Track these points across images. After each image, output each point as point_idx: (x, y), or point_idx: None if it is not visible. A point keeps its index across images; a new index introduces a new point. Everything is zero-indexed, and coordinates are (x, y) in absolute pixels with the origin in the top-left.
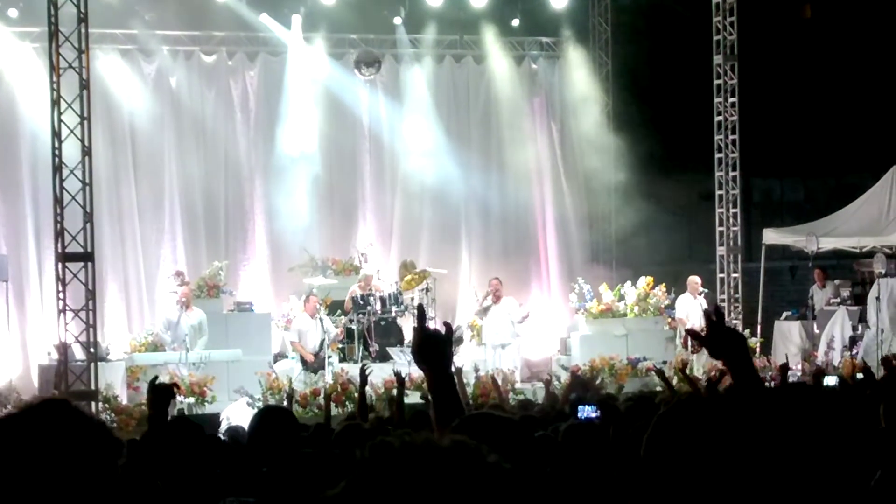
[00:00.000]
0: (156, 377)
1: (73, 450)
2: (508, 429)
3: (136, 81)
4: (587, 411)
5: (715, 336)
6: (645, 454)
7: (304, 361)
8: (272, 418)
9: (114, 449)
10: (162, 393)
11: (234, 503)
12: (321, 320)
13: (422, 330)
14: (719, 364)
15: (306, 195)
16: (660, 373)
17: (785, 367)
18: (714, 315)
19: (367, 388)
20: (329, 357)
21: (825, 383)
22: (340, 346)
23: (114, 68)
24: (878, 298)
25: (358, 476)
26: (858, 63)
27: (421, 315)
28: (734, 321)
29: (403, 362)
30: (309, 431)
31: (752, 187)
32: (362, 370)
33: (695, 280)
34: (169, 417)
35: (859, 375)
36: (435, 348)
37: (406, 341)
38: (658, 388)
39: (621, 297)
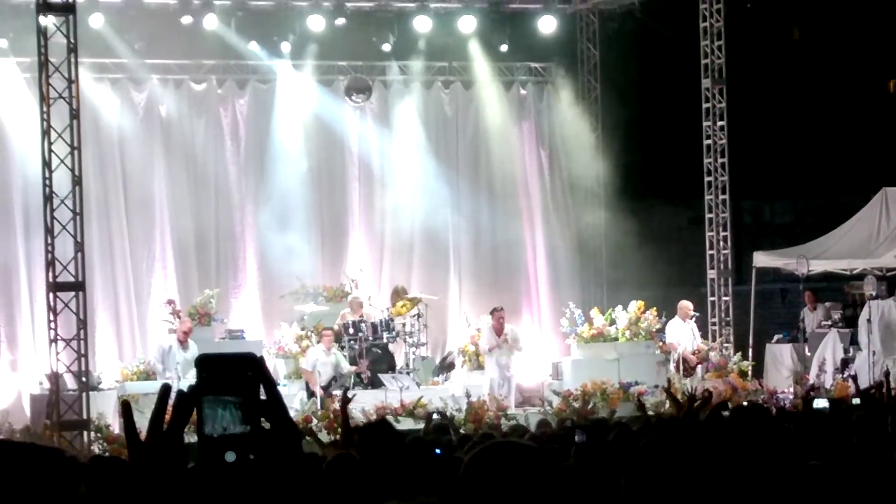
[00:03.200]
0: (125, 401)
1: (21, 483)
2: (534, 459)
3: (126, 110)
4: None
5: None
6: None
7: (309, 391)
8: None
9: (70, 475)
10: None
11: None
12: (335, 355)
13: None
14: (710, 387)
15: (297, 222)
16: (667, 390)
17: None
18: None
19: (359, 414)
20: (332, 392)
21: (815, 406)
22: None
23: (104, 97)
24: (869, 320)
25: None
26: (847, 84)
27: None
28: (725, 344)
29: (395, 388)
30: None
31: (742, 210)
32: (344, 395)
33: (685, 304)
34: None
35: (856, 400)
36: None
37: (398, 367)
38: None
39: (612, 322)
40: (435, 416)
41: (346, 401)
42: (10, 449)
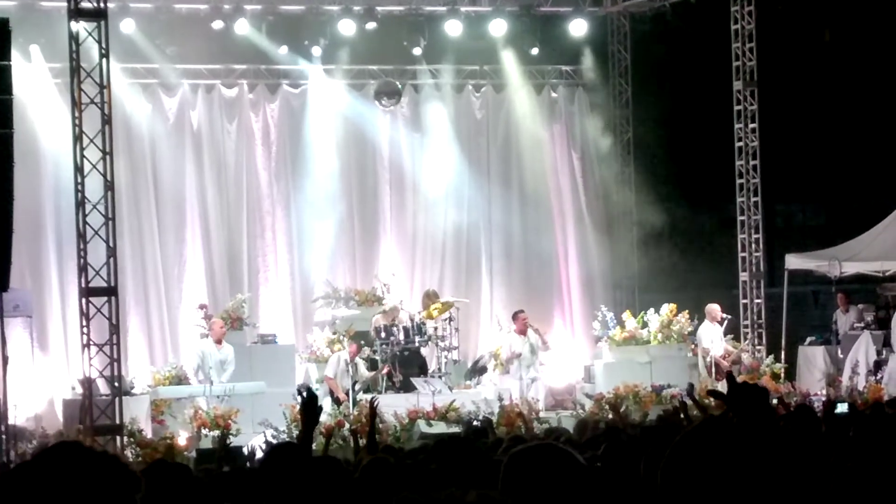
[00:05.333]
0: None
1: (89, 490)
2: (570, 462)
3: (157, 115)
4: None
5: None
6: (662, 481)
7: (335, 399)
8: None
9: (130, 484)
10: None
11: None
12: (356, 364)
13: None
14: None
15: (328, 227)
16: (689, 400)
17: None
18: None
19: (391, 418)
20: (360, 399)
21: (837, 411)
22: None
23: (135, 103)
24: None
25: None
26: (879, 86)
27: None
28: (758, 347)
29: (427, 392)
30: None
31: (774, 213)
32: (371, 402)
33: (713, 308)
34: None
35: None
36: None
37: (430, 371)
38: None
39: (644, 325)
40: (476, 423)
41: (373, 408)
42: (77, 452)
